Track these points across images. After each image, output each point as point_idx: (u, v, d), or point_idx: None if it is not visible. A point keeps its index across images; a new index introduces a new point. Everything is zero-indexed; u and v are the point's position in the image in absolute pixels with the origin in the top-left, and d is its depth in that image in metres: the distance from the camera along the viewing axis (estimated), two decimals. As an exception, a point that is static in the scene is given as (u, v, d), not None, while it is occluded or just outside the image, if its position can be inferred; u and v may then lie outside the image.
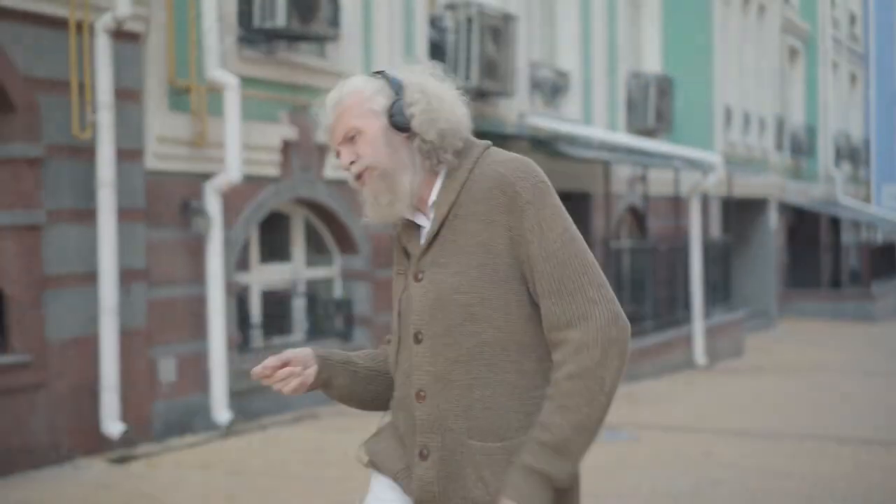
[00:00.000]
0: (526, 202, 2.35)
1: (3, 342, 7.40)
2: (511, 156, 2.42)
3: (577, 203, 15.46)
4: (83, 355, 7.77)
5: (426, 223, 2.44)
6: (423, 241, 2.43)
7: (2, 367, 7.28)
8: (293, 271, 10.37)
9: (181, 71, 8.57)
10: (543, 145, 13.35)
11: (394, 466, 2.48)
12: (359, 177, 2.42)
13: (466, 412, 2.35)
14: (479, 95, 12.38)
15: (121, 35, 7.92)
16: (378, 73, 2.48)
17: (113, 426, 7.80)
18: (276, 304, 10.14)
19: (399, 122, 2.40)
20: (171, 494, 7.01)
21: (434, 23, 12.10)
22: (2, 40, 7.23)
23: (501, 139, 13.07)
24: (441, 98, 2.43)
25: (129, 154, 8.08)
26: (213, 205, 8.69)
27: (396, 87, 2.43)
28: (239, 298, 9.41)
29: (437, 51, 11.98)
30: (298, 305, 10.33)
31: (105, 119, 7.74)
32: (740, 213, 21.72)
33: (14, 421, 7.33)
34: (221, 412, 8.72)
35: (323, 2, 9.55)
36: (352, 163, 2.42)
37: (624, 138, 15.11)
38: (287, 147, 9.64)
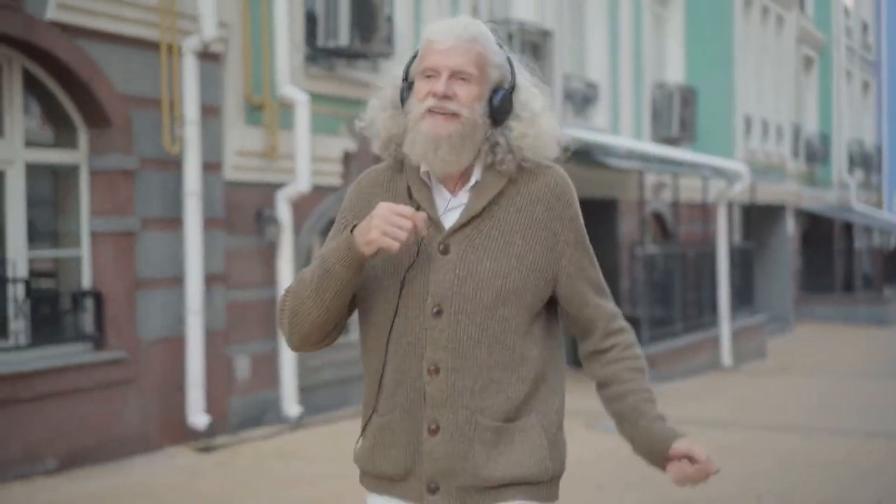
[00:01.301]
0: (574, 213, 2.47)
1: (101, 340, 8.01)
2: (554, 165, 2.49)
3: (604, 209, 16.05)
4: (170, 353, 8.38)
5: (448, 197, 2.43)
6: (456, 215, 2.41)
7: (100, 363, 7.89)
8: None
9: (256, 88, 9.19)
10: (579, 154, 13.94)
11: (392, 469, 2.45)
12: (440, 113, 2.34)
13: (483, 391, 2.37)
14: (518, 108, 12.99)
15: (205, 56, 8.53)
16: (501, 45, 2.44)
17: (198, 418, 8.41)
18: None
19: (498, 107, 2.39)
20: (259, 481, 7.62)
21: (477, 39, 12.70)
22: (101, 62, 7.84)
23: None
24: (550, 122, 2.45)
25: (210, 166, 8.69)
26: (283, 213, 9.30)
27: (513, 79, 2.42)
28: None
29: (480, 65, 12.60)
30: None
31: (191, 134, 8.35)
32: (758, 219, 22.30)
33: (110, 413, 7.94)
34: (292, 406, 9.33)
35: (381, 22, 10.17)
36: (446, 97, 2.34)
37: (657, 149, 15.71)
38: (347, 158, 10.26)
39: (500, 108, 2.38)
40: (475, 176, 2.41)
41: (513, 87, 2.41)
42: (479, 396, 2.37)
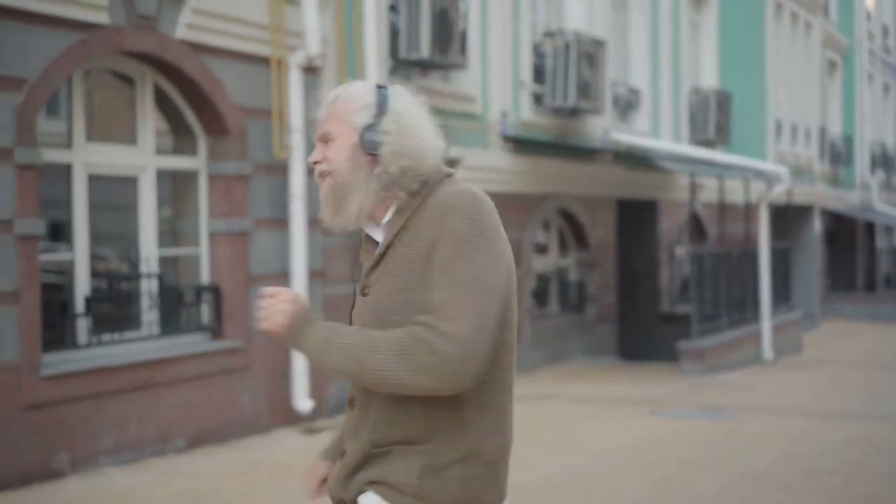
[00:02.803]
0: (442, 232, 2.36)
1: (218, 331, 8.74)
2: (462, 189, 2.43)
3: (644, 210, 16.76)
4: (278, 343, 9.05)
5: (380, 241, 2.50)
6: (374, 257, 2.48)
7: (218, 352, 8.62)
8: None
9: (349, 98, 9.91)
10: (629, 157, 14.68)
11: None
12: (322, 176, 2.49)
13: (376, 425, 2.45)
14: (572, 114, 13.71)
15: (308, 70, 9.26)
16: (382, 86, 2.51)
17: (303, 403, 9.14)
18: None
19: (368, 145, 2.44)
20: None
21: (536, 49, 13.43)
22: (220, 76, 8.57)
23: (589, 153, 14.44)
24: (416, 135, 2.46)
25: (310, 171, 9.40)
26: (374, 214, 10.01)
27: (381, 110, 2.46)
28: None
29: (538, 74, 13.33)
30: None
31: (297, 141, 9.08)
32: (788, 219, 22.99)
33: (228, 397, 8.67)
34: (381, 393, 10.06)
35: (457, 35, 10.90)
36: (316, 162, 2.49)
37: (701, 152, 16.44)
38: (425, 163, 10.99)
39: (369, 140, 2.44)
40: (387, 215, 2.47)
41: (381, 115, 2.45)
42: (374, 430, 2.46)
